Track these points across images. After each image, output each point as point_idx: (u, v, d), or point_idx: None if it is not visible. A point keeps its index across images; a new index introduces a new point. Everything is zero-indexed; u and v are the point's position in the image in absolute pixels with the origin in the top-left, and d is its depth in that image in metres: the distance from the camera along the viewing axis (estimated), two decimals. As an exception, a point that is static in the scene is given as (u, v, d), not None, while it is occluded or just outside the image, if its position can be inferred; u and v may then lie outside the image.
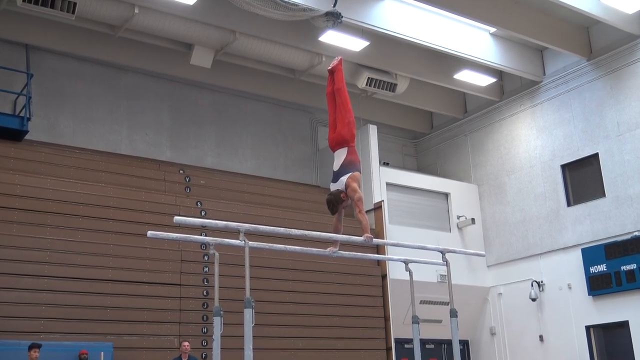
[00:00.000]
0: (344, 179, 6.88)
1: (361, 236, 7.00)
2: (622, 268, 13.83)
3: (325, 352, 13.41)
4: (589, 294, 14.42)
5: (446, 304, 9.41)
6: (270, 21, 12.78)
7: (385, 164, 17.13)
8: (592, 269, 14.35)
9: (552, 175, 15.60)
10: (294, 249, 7.87)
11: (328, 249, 7.20)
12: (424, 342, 15.05)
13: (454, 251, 8.77)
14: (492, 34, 15.09)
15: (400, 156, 18.77)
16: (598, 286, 14.22)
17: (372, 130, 16.10)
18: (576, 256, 14.74)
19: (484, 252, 15.39)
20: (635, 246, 13.65)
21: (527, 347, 15.63)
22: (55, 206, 11.45)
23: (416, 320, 8.14)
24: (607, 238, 14.27)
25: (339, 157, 7.06)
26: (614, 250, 14.00)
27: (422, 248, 8.52)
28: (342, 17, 12.41)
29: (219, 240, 7.27)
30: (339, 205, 6.91)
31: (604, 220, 14.44)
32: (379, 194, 15.55)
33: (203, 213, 12.87)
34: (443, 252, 8.18)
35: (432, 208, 16.85)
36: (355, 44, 14.16)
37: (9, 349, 9.76)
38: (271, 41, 13.95)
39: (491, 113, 17.22)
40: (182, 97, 15.49)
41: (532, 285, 15.51)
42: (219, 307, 6.62)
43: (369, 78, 15.10)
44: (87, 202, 11.78)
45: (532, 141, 16.17)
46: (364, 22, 13.30)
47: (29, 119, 12.40)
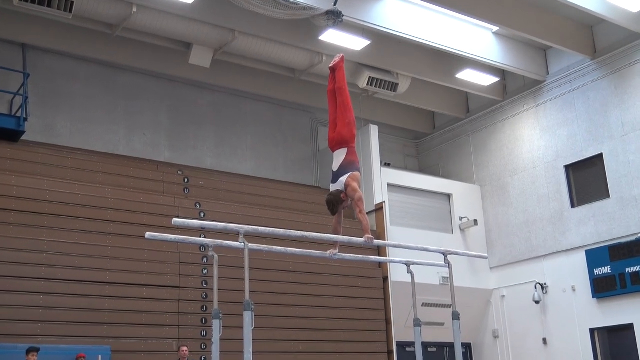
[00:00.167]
0: (343, 179, 6.79)
1: (362, 237, 6.92)
2: (626, 270, 13.72)
3: (325, 356, 13.31)
4: (593, 297, 14.32)
5: (448, 306, 9.35)
6: (270, 20, 12.72)
7: (387, 164, 17.05)
8: (597, 271, 14.24)
9: (556, 176, 15.49)
10: (293, 251, 7.89)
11: (329, 252, 7.14)
12: (425, 345, 14.99)
13: (457, 253, 8.72)
14: (495, 33, 15.01)
15: (402, 157, 18.71)
16: (602, 288, 14.11)
17: (373, 131, 16.03)
18: (580, 258, 14.64)
19: (486, 254, 15.20)
20: (640, 248, 13.55)
21: (530, 350, 15.52)
22: (52, 208, 11.39)
23: (418, 323, 8.09)
24: (611, 239, 14.17)
25: (339, 157, 6.98)
26: (618, 252, 13.91)
27: (424, 250, 8.44)
28: (343, 15, 12.37)
29: (218, 242, 7.26)
30: (339, 205, 6.82)
31: (609, 222, 14.33)
32: (380, 195, 15.46)
33: (202, 214, 12.81)
34: (445, 254, 8.13)
35: (434, 209, 16.77)
36: (356, 43, 14.09)
37: (6, 353, 9.70)
38: (271, 40, 13.88)
39: (494, 113, 17.13)
40: (180, 97, 15.41)
41: (536, 288, 15.41)
42: (218, 310, 6.59)
43: (370, 77, 15.02)
44: (84, 204, 11.72)
45: (535, 141, 16.07)
46: (365, 21, 13.22)
47: (25, 119, 12.32)
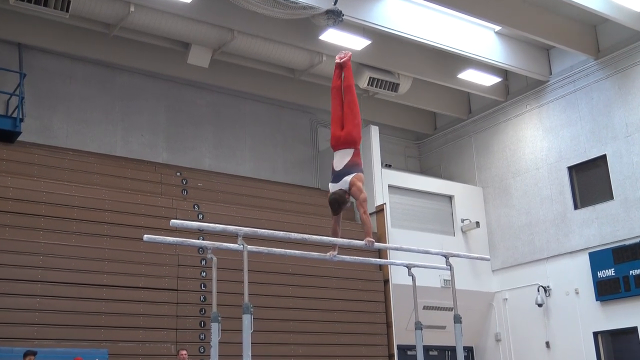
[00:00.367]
0: (347, 178, 6.72)
1: (362, 240, 6.87)
2: (630, 272, 13.62)
3: (325, 359, 13.20)
4: (596, 299, 14.21)
5: (450, 309, 9.26)
6: (270, 20, 12.65)
7: (388, 165, 16.95)
8: (600, 274, 14.13)
9: (559, 177, 15.38)
10: (293, 252, 7.88)
11: (328, 254, 7.08)
12: (427, 348, 14.86)
13: (458, 255, 8.68)
14: (497, 33, 14.93)
15: (403, 158, 18.62)
16: (606, 291, 14.01)
17: (374, 131, 15.94)
18: (583, 260, 14.54)
19: (488, 256, 15.24)
20: (644, 250, 13.46)
21: (533, 354, 15.41)
22: (48, 209, 11.31)
23: (419, 326, 8.06)
24: (615, 242, 14.07)
25: (343, 157, 6.88)
26: (622, 255, 13.82)
27: (425, 252, 8.36)
28: (343, 15, 12.32)
29: (216, 244, 7.18)
30: (343, 205, 6.74)
31: (612, 224, 14.22)
32: (381, 196, 15.36)
33: (200, 216, 12.71)
34: (447, 256, 8.10)
35: (436, 211, 16.69)
36: (357, 42, 13.99)
37: (2, 356, 9.66)
38: (270, 40, 13.79)
39: (496, 113, 17.03)
40: (179, 98, 15.33)
41: (539, 291, 15.31)
42: (217, 313, 6.51)
43: (370, 78, 14.93)
44: (81, 205, 11.64)
45: (538, 142, 15.96)
46: (365, 21, 13.14)
47: (21, 120, 12.24)
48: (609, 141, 14.49)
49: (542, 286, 15.30)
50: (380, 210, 15.02)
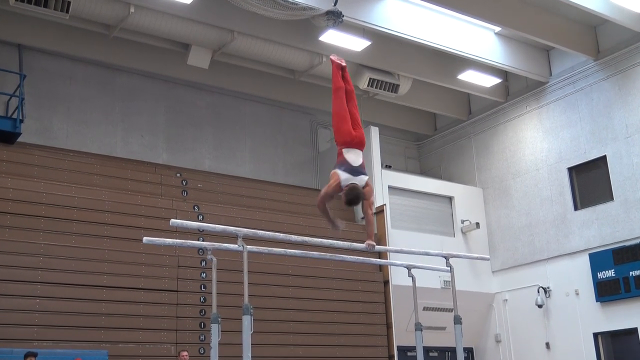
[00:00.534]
0: (365, 178, 6.70)
1: (362, 241, 6.86)
2: (630, 273, 13.60)
3: (325, 360, 13.20)
4: (596, 300, 14.18)
5: (450, 310, 9.24)
6: (270, 20, 12.62)
7: (388, 166, 16.93)
8: (600, 275, 14.11)
9: (559, 178, 15.36)
10: (293, 252, 7.82)
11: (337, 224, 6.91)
12: (427, 349, 14.83)
13: (458, 256, 8.69)
14: (497, 34, 14.90)
15: (403, 159, 18.60)
16: (606, 292, 13.98)
17: (374, 132, 15.89)
18: (583, 261, 14.51)
19: (488, 256, 15.19)
20: (644, 251, 13.44)
21: (533, 355, 15.39)
22: (48, 210, 11.30)
23: (419, 327, 8.08)
24: (615, 243, 14.04)
25: (358, 156, 6.81)
26: (622, 255, 13.80)
27: (425, 253, 8.36)
28: (343, 16, 12.29)
29: (216, 245, 7.21)
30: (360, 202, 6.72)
31: (612, 225, 14.20)
32: (381, 197, 15.33)
33: (200, 217, 12.70)
34: (447, 257, 8.11)
35: (436, 212, 16.67)
36: (357, 43, 13.98)
37: (2, 357, 9.64)
38: (270, 41, 13.77)
39: (496, 114, 17.01)
40: (179, 99, 15.31)
41: (539, 292, 15.29)
42: (217, 314, 6.57)
43: (370, 79, 14.90)
44: (81, 206, 11.64)
45: (538, 143, 15.94)
46: (365, 21, 13.11)
47: (21, 120, 12.23)
48: (609, 142, 14.47)
49: (542, 287, 15.28)
50: (380, 211, 14.97)
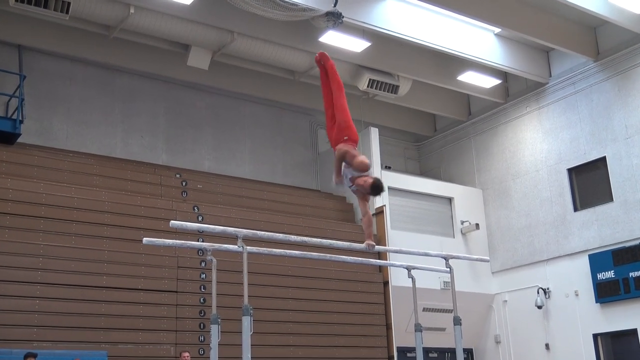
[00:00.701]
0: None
1: (362, 242, 6.86)
2: (630, 274, 13.60)
3: (325, 361, 13.20)
4: (596, 301, 14.18)
5: (450, 311, 9.25)
6: (269, 21, 12.60)
7: (387, 167, 16.92)
8: (600, 276, 14.10)
9: (559, 179, 15.36)
10: (293, 253, 7.80)
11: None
12: (427, 350, 14.84)
13: (458, 257, 8.69)
14: (497, 35, 14.90)
15: (403, 160, 18.59)
16: (606, 293, 13.98)
17: (374, 133, 15.89)
18: (583, 262, 14.51)
19: (488, 258, 15.18)
20: (644, 252, 13.43)
21: (533, 356, 15.38)
22: (48, 211, 11.30)
23: (419, 328, 8.09)
24: (615, 244, 14.04)
25: None
26: (622, 256, 13.80)
27: (424, 254, 8.35)
28: (343, 17, 12.25)
29: (216, 246, 7.24)
30: None
31: (612, 226, 14.19)
32: (380, 198, 15.23)
33: (200, 218, 12.70)
34: (446, 258, 8.11)
35: (435, 213, 16.66)
36: (356, 44, 13.97)
37: (1, 358, 9.63)
38: (270, 42, 13.76)
39: (496, 115, 17.00)
40: (178, 99, 15.30)
41: (538, 293, 15.28)
42: (217, 315, 6.61)
43: (370, 80, 14.88)
44: (81, 207, 11.64)
45: (537, 144, 15.94)
46: (365, 23, 13.10)
47: (21, 121, 12.23)
48: (608, 143, 14.47)
49: (541, 288, 15.27)
50: (379, 212, 14.98)
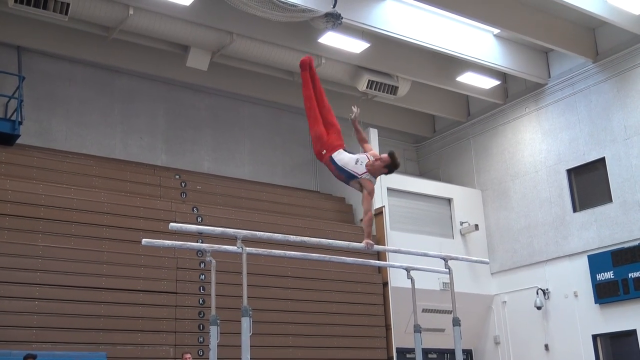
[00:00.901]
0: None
1: (361, 242, 6.83)
2: (629, 275, 13.60)
3: (324, 362, 13.18)
4: (595, 302, 14.18)
5: (449, 312, 9.24)
6: (269, 22, 12.59)
7: (387, 168, 16.84)
8: (599, 277, 14.10)
9: (558, 180, 15.36)
10: (292, 254, 7.82)
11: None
12: (426, 351, 14.84)
13: (457, 258, 8.65)
14: (496, 36, 14.90)
15: (402, 160, 18.37)
16: (605, 294, 13.98)
17: (373, 134, 15.85)
18: (582, 263, 14.51)
19: (487, 260, 15.14)
20: (643, 253, 13.43)
21: (532, 357, 15.37)
22: (47, 212, 11.29)
23: (418, 329, 8.04)
24: (614, 244, 14.04)
25: None
26: (621, 257, 13.79)
27: (424, 255, 8.35)
28: (342, 18, 12.25)
29: (215, 247, 7.22)
30: None
31: (611, 226, 14.19)
32: (380, 199, 15.28)
33: (199, 219, 12.69)
34: (446, 259, 8.06)
35: (435, 214, 16.65)
36: (356, 45, 13.98)
37: (1, 359, 9.62)
38: (269, 43, 13.74)
39: (495, 116, 17.00)
40: (177, 100, 15.30)
41: (537, 293, 15.28)
42: (216, 316, 6.56)
43: (369, 81, 14.87)
44: (80, 208, 11.63)
45: (537, 145, 15.94)
46: (364, 23, 13.11)
47: (20, 122, 12.23)
48: (607, 144, 14.48)
49: (541, 289, 15.26)
50: (379, 213, 14.96)
